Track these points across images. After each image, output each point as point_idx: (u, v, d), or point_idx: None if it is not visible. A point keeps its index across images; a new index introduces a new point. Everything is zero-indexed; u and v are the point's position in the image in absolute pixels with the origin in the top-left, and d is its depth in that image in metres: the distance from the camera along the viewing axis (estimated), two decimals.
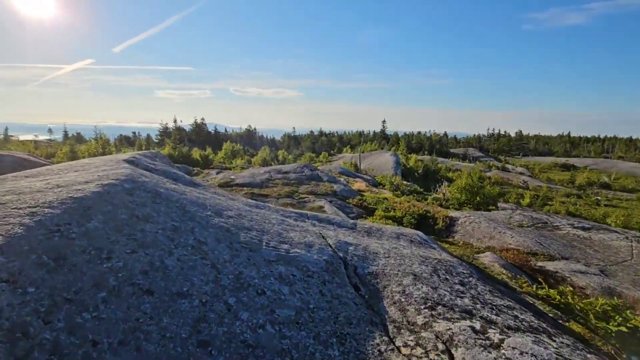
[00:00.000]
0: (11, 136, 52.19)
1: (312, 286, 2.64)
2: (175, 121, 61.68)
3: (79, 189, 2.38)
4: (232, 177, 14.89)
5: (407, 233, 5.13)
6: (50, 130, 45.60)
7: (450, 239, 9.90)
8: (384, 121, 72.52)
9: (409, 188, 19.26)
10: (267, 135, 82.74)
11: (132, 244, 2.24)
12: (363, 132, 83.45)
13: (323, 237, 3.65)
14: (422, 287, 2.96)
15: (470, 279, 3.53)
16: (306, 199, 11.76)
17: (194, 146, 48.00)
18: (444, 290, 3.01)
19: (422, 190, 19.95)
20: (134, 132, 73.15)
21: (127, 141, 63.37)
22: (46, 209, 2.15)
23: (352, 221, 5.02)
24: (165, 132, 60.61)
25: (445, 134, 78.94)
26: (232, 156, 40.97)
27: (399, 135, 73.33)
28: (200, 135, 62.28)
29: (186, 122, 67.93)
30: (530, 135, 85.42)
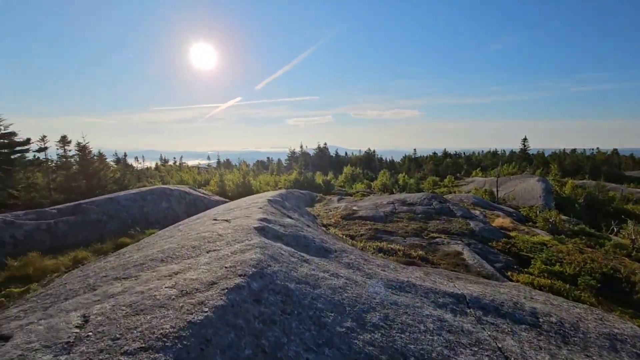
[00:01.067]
0: (183, 163, 66.02)
1: None
2: (301, 147, 67.30)
3: (201, 302, 1.97)
4: (354, 207, 14.43)
5: (623, 333, 3.33)
6: (208, 157, 55.88)
7: None
8: (524, 139, 62.37)
9: (572, 227, 15.15)
10: (386, 158, 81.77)
11: None
12: (497, 151, 73.72)
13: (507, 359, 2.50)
14: None
15: None
16: (437, 239, 10.20)
17: (317, 170, 50.93)
18: None
19: (591, 230, 15.43)
20: (267, 157, 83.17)
21: (262, 165, 72.23)
22: (157, 354, 1.73)
23: (528, 304, 3.57)
24: (292, 157, 66.59)
25: (616, 152, 62.15)
26: (351, 180, 41.49)
27: (545, 155, 61.58)
28: (323, 159, 65.90)
29: (310, 147, 73.17)
30: None
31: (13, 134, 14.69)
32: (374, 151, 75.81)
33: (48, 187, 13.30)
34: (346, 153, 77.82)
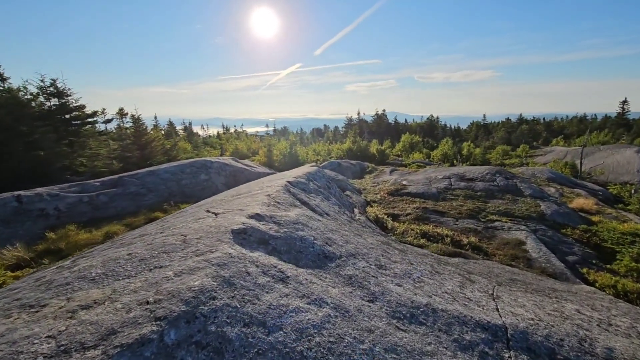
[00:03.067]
0: (243, 130, 68.61)
1: None
2: (358, 113, 65.13)
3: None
4: (404, 182, 13.34)
5: None
6: (267, 125, 57.18)
7: None
8: (624, 101, 52.41)
9: None
10: (451, 125, 75.69)
11: None
12: (585, 116, 63.62)
13: None
14: None
15: None
16: (497, 223, 8.89)
17: (374, 137, 49.10)
18: None
19: None
20: (325, 125, 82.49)
21: (318, 133, 71.97)
22: None
23: (602, 340, 2.62)
24: (349, 124, 64.99)
25: None
26: (409, 149, 39.22)
27: None
28: (381, 126, 63.24)
29: (369, 113, 70.52)
30: None
31: (82, 106, 16.18)
32: (437, 117, 70.45)
33: (109, 157, 14.56)
34: (406, 120, 73.66)
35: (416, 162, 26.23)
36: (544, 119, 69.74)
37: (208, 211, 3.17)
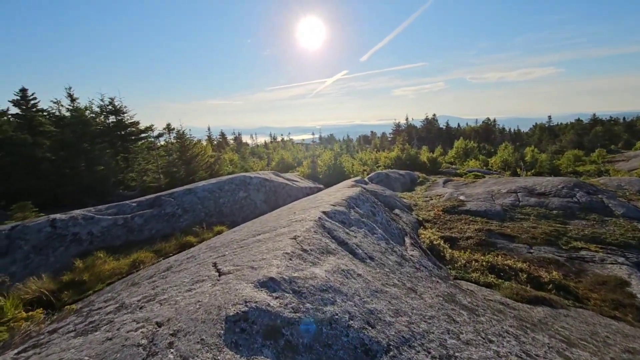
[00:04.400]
0: (290, 139, 69.61)
1: None
2: (407, 119, 62.72)
3: None
4: (461, 197, 11.88)
5: None
6: (313, 133, 57.42)
7: None
8: None
9: None
10: (509, 128, 69.85)
11: None
12: None
13: None
14: None
15: None
16: (584, 252, 7.25)
17: (423, 144, 46.72)
18: None
19: None
20: (372, 131, 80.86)
21: (365, 140, 70.66)
22: None
23: None
24: (397, 130, 62.78)
25: None
26: (464, 156, 36.48)
27: None
28: (431, 131, 60.28)
29: (417, 118, 67.59)
30: None
31: (137, 123, 17.07)
32: (493, 120, 65.35)
33: (157, 172, 15.03)
34: (459, 124, 69.41)
35: (472, 171, 24.05)
36: (623, 118, 61.43)
37: (215, 265, 2.49)
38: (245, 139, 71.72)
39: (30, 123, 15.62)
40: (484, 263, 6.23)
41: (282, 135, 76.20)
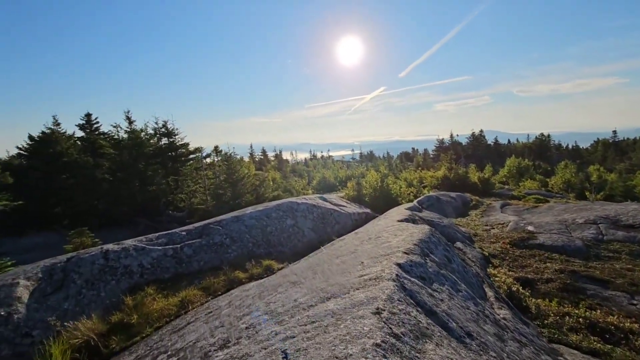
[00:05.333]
0: (330, 156, 69.75)
1: None
2: (451, 135, 60.15)
3: None
4: (529, 227, 10.57)
5: None
6: (352, 150, 57.10)
7: None
8: None
9: None
10: (566, 143, 64.44)
11: None
12: None
13: None
14: None
15: None
16: None
17: (470, 162, 44.24)
18: None
19: None
20: (413, 148, 78.67)
21: (407, 157, 68.76)
22: None
23: None
24: (440, 147, 60.33)
25: None
26: (518, 175, 33.83)
27: None
28: (478, 148, 57.23)
29: (462, 133, 64.49)
30: None
31: (187, 144, 17.72)
32: (547, 135, 60.63)
33: (205, 193, 15.32)
34: (509, 140, 65.34)
35: (532, 193, 21.98)
36: None
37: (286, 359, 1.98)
38: (286, 155, 72.95)
39: (93, 146, 16.73)
40: (580, 319, 5.17)
41: (321, 152, 76.63)
